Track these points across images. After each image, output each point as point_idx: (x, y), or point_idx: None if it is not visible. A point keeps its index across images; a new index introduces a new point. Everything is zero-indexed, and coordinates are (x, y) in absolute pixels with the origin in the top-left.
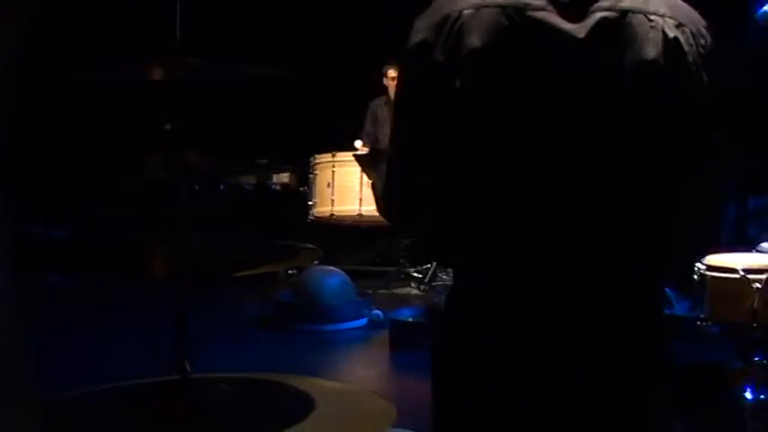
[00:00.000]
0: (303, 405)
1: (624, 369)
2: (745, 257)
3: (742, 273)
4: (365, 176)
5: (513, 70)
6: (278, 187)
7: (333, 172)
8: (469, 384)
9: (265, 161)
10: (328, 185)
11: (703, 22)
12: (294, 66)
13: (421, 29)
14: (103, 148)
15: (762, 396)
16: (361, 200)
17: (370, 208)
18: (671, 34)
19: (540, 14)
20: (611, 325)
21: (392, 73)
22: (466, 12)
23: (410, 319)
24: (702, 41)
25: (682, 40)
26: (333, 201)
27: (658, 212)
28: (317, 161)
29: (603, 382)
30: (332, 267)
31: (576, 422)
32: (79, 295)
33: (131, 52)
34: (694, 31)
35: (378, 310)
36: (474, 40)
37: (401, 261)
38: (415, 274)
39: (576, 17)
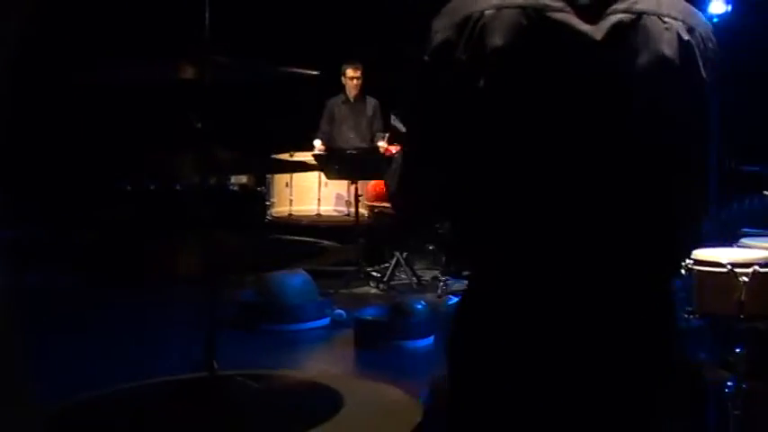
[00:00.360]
0: (332, 402)
1: (639, 366)
2: (730, 252)
3: (729, 267)
4: (323, 176)
5: (533, 69)
6: (236, 187)
7: None
8: (485, 381)
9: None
10: (287, 185)
11: (710, 27)
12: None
13: (441, 29)
14: (134, 147)
15: (743, 386)
16: (319, 200)
17: (328, 208)
18: (684, 36)
19: (558, 16)
20: (626, 323)
21: (350, 72)
22: (488, 12)
23: (375, 318)
24: (711, 45)
25: (693, 42)
26: (291, 201)
27: (667, 212)
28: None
29: (616, 377)
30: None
31: (589, 416)
32: (66, 297)
33: (162, 52)
34: (704, 34)
35: (340, 309)
36: (496, 40)
37: (359, 261)
38: (374, 274)
39: (594, 19)
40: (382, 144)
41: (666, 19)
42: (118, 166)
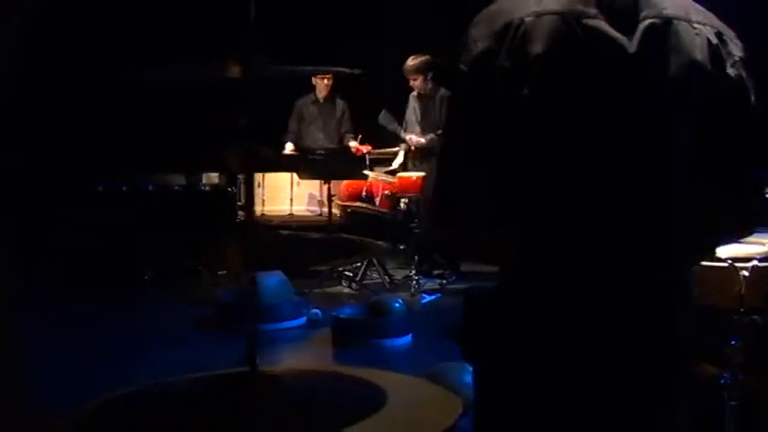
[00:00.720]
0: (376, 396)
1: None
2: (730, 247)
3: (729, 261)
4: (296, 176)
5: (573, 75)
6: (207, 188)
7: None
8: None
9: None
10: (259, 185)
11: (734, 33)
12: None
13: (481, 37)
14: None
15: (739, 377)
16: (292, 200)
17: (300, 207)
18: (714, 41)
19: (594, 22)
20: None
21: (321, 73)
22: (528, 19)
23: (352, 317)
24: (736, 50)
25: (721, 47)
26: (263, 201)
27: (697, 208)
28: None
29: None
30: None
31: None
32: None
33: (208, 50)
34: (730, 40)
35: (315, 309)
36: (537, 47)
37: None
38: (347, 273)
39: (626, 25)
40: (354, 144)
41: (696, 25)
42: (170, 163)
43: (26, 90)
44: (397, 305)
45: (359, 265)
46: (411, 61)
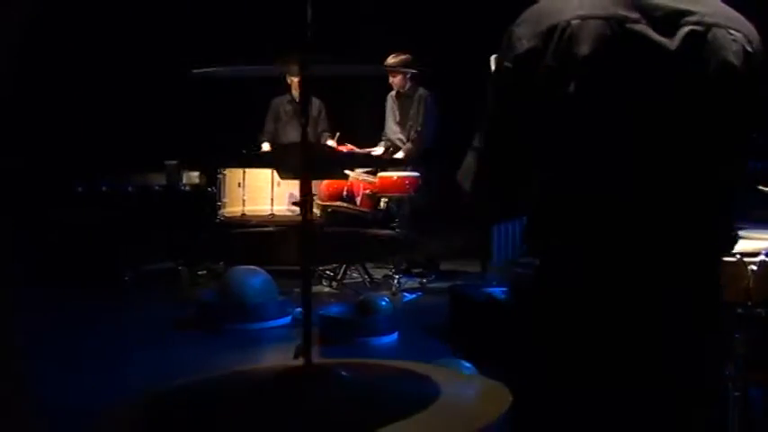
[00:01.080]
0: (429, 388)
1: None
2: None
3: (738, 256)
4: (276, 176)
5: (618, 76)
6: (187, 188)
7: (244, 172)
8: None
9: (175, 162)
10: (239, 185)
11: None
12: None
13: (527, 36)
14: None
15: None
16: (272, 199)
17: (281, 207)
18: (749, 48)
19: (637, 27)
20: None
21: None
22: (574, 22)
23: (339, 316)
24: (762, 57)
25: (754, 54)
26: (244, 201)
27: (728, 199)
28: None
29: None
30: (253, 266)
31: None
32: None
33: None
34: (758, 46)
35: (299, 308)
36: (584, 48)
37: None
38: (327, 273)
39: (668, 30)
40: (331, 143)
41: (733, 32)
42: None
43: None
44: (384, 303)
45: (336, 265)
46: (392, 59)
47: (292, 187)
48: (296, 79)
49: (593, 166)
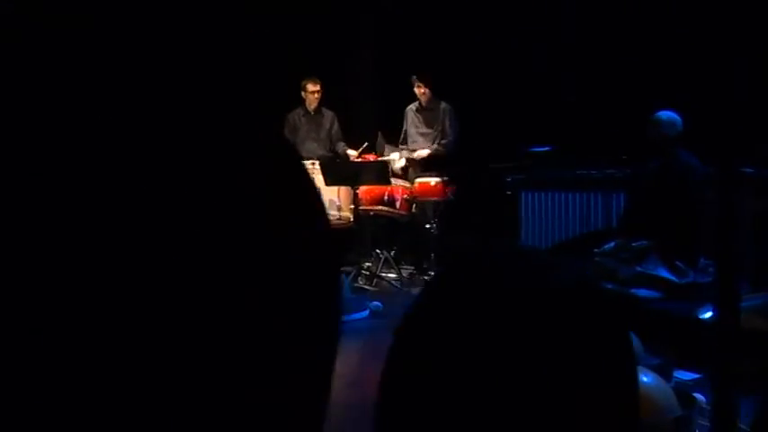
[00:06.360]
0: None
1: None
2: None
3: None
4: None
5: None
6: None
7: None
8: None
9: None
10: None
11: None
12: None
13: None
14: None
15: None
16: None
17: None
18: None
19: None
20: None
21: (310, 86)
22: None
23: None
24: None
25: None
26: None
27: None
28: None
29: None
30: None
31: None
32: None
33: None
34: None
35: (375, 301)
36: None
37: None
38: (363, 271)
39: None
40: (352, 153)
41: None
42: None
43: None
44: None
45: (369, 264)
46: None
47: (331, 193)
48: (312, 94)
49: None
